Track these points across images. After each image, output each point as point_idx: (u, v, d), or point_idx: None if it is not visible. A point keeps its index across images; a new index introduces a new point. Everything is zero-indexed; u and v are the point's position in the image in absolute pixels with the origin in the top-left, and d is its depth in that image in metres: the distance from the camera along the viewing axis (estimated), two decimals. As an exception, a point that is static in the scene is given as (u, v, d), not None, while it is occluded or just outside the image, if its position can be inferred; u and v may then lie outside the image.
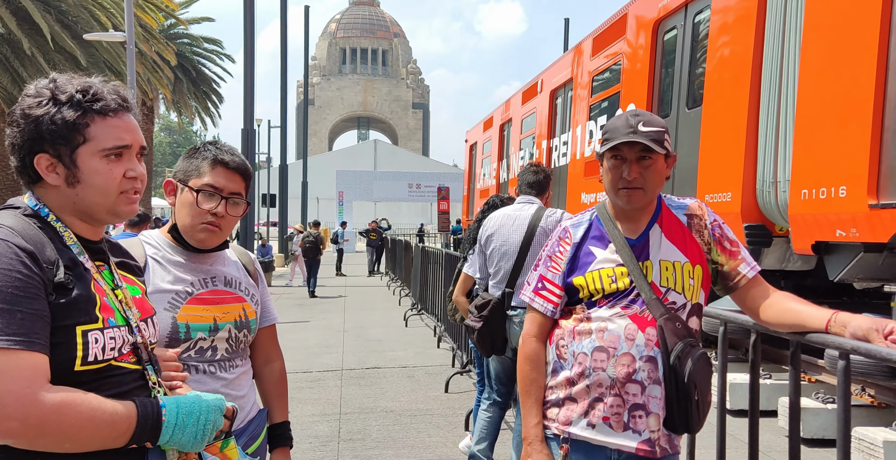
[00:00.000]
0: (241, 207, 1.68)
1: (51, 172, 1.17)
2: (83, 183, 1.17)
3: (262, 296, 1.82)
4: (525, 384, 1.80)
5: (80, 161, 1.16)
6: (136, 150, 1.22)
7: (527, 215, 3.27)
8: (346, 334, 8.37)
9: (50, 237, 1.15)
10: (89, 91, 1.17)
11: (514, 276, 3.21)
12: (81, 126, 1.15)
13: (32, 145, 1.15)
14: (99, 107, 1.16)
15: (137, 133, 1.23)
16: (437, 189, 20.87)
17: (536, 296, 1.82)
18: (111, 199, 1.19)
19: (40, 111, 1.14)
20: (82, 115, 1.15)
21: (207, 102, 25.49)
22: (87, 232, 1.23)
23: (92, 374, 1.13)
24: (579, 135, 7.33)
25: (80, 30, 12.50)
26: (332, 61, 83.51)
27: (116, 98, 1.19)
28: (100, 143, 1.16)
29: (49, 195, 1.19)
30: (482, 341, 3.27)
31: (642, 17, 5.72)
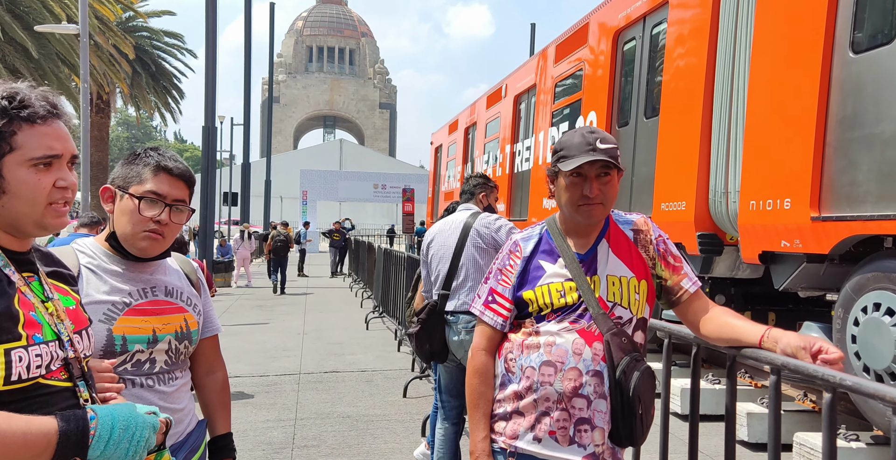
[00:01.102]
0: (185, 214, 1.64)
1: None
2: (9, 193, 1.13)
3: (204, 306, 1.78)
4: (473, 397, 1.81)
5: (6, 171, 1.12)
6: (66, 159, 1.18)
7: (461, 219, 3.30)
8: (305, 336, 8.29)
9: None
10: (16, 97, 1.12)
11: (449, 279, 3.20)
12: (7, 134, 1.11)
13: None
14: (26, 114, 1.12)
15: (68, 141, 1.19)
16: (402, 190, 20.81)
17: (486, 309, 1.83)
18: (39, 210, 1.15)
19: None
20: (8, 122, 1.11)
21: (167, 98, 24.96)
22: (13, 243, 1.18)
23: (16, 394, 1.08)
24: (542, 141, 7.41)
25: (31, 21, 12.10)
26: (299, 59, 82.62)
27: (45, 105, 1.15)
28: (27, 152, 1.12)
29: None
30: (420, 346, 3.25)
31: (604, 26, 5.80)
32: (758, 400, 4.51)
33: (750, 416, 4.25)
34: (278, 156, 45.02)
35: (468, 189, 3.49)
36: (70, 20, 12.64)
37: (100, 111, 21.82)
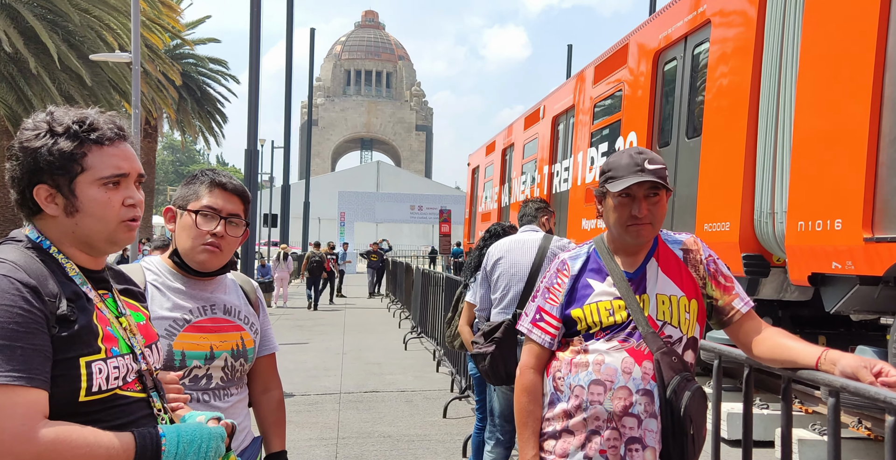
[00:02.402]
0: (241, 229, 1.69)
1: (50, 203, 1.18)
2: (82, 212, 1.19)
3: (262, 324, 1.83)
4: (522, 416, 1.81)
5: (79, 191, 1.18)
6: (133, 178, 1.24)
7: (536, 239, 3.31)
8: (344, 356, 8.35)
9: (52, 269, 1.17)
10: (85, 121, 1.19)
11: (524, 298, 3.17)
12: (79, 156, 1.17)
13: (31, 177, 1.17)
14: (95, 136, 1.18)
15: (135, 161, 1.25)
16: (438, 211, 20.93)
17: (534, 327, 1.84)
18: (110, 227, 1.21)
19: (38, 143, 1.16)
20: (79, 145, 1.17)
21: (211, 122, 25.70)
22: (89, 262, 1.25)
23: (97, 404, 1.14)
24: (580, 162, 7.40)
25: (86, 50, 12.66)
26: (337, 83, 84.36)
27: (112, 127, 1.22)
28: (97, 172, 1.18)
29: (49, 226, 1.21)
30: (494, 367, 3.11)
31: (643, 47, 5.82)
32: (809, 426, 4.37)
33: (801, 443, 4.11)
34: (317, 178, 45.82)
35: (529, 212, 3.51)
36: (122, 49, 13.20)
37: (147, 136, 22.59)
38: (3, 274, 1.09)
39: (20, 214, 1.24)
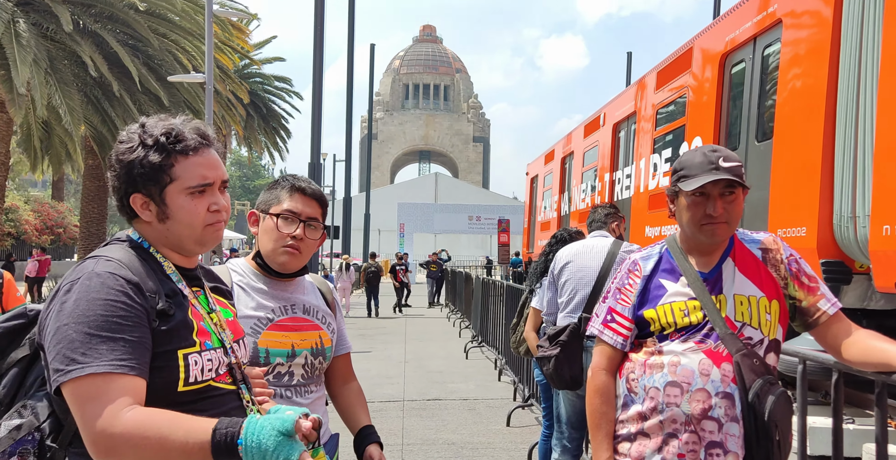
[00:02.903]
0: (319, 231, 1.75)
1: (144, 210, 1.26)
2: (172, 219, 1.26)
3: (338, 324, 1.89)
4: (595, 417, 1.79)
5: (169, 199, 1.25)
6: (218, 185, 1.30)
7: (605, 244, 3.28)
8: (406, 365, 8.41)
9: (152, 268, 1.25)
10: (172, 133, 1.25)
11: (591, 303, 3.15)
12: (167, 167, 1.24)
13: (128, 187, 1.25)
14: (181, 147, 1.25)
15: (219, 168, 1.31)
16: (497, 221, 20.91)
17: (605, 328, 1.83)
18: (198, 232, 1.28)
19: (131, 156, 1.24)
20: (167, 156, 1.24)
21: (276, 137, 26.55)
22: (183, 261, 1.32)
23: (194, 395, 1.20)
24: (643, 168, 7.27)
25: (163, 72, 13.34)
26: (395, 97, 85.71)
27: (197, 137, 1.28)
28: (184, 182, 1.25)
29: (145, 230, 1.29)
30: (559, 369, 3.09)
31: (709, 50, 5.68)
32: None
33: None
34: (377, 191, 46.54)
35: (599, 218, 3.48)
36: (196, 70, 13.84)
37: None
38: (109, 271, 1.17)
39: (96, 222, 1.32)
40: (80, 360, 1.08)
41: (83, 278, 1.16)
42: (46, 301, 1.20)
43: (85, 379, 1.08)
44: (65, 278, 1.20)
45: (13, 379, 1.22)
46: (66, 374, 1.08)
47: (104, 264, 1.19)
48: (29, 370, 1.24)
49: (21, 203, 24.44)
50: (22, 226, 23.21)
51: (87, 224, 17.66)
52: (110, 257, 1.21)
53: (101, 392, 1.08)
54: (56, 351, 1.10)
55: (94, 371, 1.08)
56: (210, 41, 12.47)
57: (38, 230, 24.78)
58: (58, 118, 12.11)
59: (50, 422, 1.17)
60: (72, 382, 1.08)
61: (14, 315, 1.29)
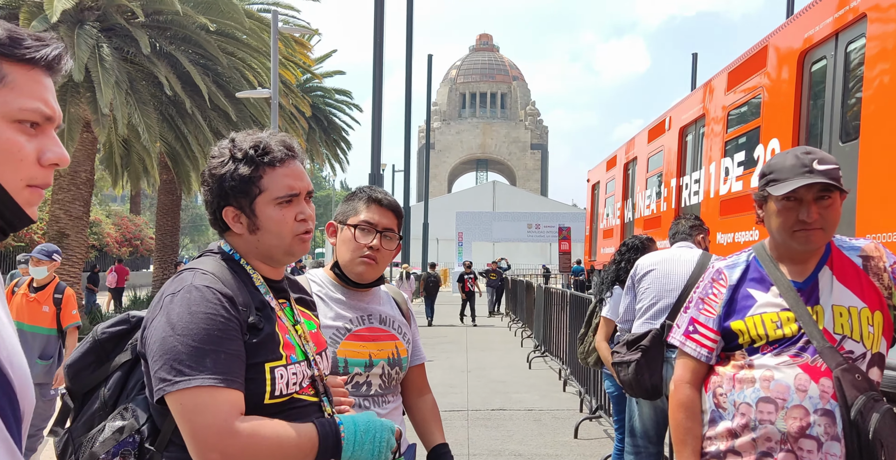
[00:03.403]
0: (395, 242, 1.77)
1: (236, 222, 1.30)
2: (262, 229, 1.29)
3: (413, 335, 1.89)
4: (680, 433, 1.72)
5: (259, 210, 1.28)
6: (304, 195, 1.32)
7: (693, 254, 3.18)
8: (469, 374, 8.38)
9: (242, 280, 1.28)
10: (260, 146, 1.29)
11: (676, 310, 3.03)
12: (256, 179, 1.27)
13: (220, 200, 1.29)
14: (268, 159, 1.28)
15: (304, 179, 1.34)
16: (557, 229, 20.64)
17: (688, 339, 1.76)
18: (286, 242, 1.30)
19: (223, 170, 1.28)
20: (255, 169, 1.27)
21: (337, 149, 27.08)
22: (271, 272, 1.35)
23: (278, 407, 1.22)
24: (713, 173, 7.02)
25: (231, 89, 13.83)
26: (452, 106, 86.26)
27: (283, 149, 1.31)
28: (273, 193, 1.28)
29: (237, 242, 1.32)
30: (639, 376, 2.96)
31: (785, 49, 5.45)
32: None
33: None
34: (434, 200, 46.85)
35: (683, 230, 3.37)
36: (261, 85, 14.30)
37: (281, 164, 24.15)
38: (206, 285, 1.20)
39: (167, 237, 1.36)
40: (187, 372, 1.12)
41: (183, 291, 1.20)
42: (149, 310, 1.24)
43: (192, 391, 1.11)
44: (164, 289, 1.23)
45: (117, 383, 1.27)
46: (173, 385, 1.12)
47: (201, 277, 1.22)
48: (130, 374, 1.29)
49: (103, 217, 25.79)
50: (104, 238, 24.50)
51: (162, 236, 18.45)
52: (206, 270, 1.25)
53: (210, 403, 1.11)
54: (163, 361, 1.14)
55: (200, 383, 1.11)
56: (275, 58, 12.87)
57: (119, 242, 26.09)
58: (137, 136, 12.73)
59: (148, 426, 1.21)
60: (178, 393, 1.12)
61: (117, 321, 1.35)
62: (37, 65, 0.80)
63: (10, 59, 0.77)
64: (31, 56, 0.79)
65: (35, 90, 0.79)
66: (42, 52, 0.80)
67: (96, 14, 12.28)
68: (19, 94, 0.78)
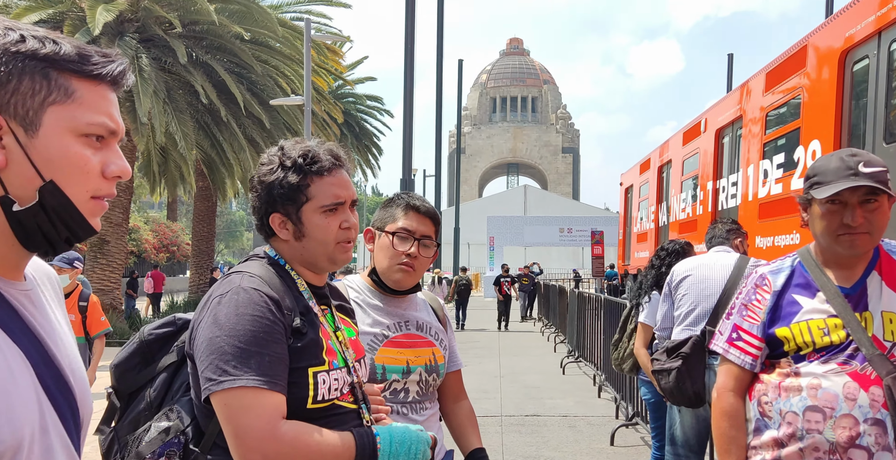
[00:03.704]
0: (432, 249, 1.77)
1: (282, 229, 1.32)
2: (307, 236, 1.31)
3: (449, 341, 1.89)
4: (723, 442, 1.69)
5: (305, 218, 1.30)
6: (349, 203, 1.34)
7: (730, 258, 3.12)
8: (502, 379, 8.34)
9: (288, 285, 1.30)
10: (308, 155, 1.31)
11: (715, 316, 2.97)
12: (303, 187, 1.29)
13: (268, 207, 1.32)
14: (316, 168, 1.30)
15: (350, 188, 1.35)
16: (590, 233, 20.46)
17: (731, 346, 1.72)
18: (330, 249, 1.32)
19: (272, 177, 1.30)
20: (303, 177, 1.30)
21: (368, 155, 27.30)
22: (314, 278, 1.36)
23: (319, 412, 1.23)
24: (751, 175, 6.89)
25: (265, 96, 14.07)
26: (483, 111, 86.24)
27: (330, 158, 1.33)
28: (319, 201, 1.30)
29: (282, 248, 1.34)
30: (680, 383, 2.89)
31: (825, 49, 5.33)
32: None
33: None
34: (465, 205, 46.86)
35: (720, 234, 3.31)
36: (294, 93, 14.52)
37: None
38: (253, 287, 1.22)
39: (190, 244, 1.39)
40: (232, 372, 1.13)
41: (231, 292, 1.21)
42: (197, 311, 1.26)
43: (236, 391, 1.13)
44: (213, 291, 1.26)
45: (162, 384, 1.30)
46: (218, 384, 1.14)
47: (248, 280, 1.24)
48: (176, 376, 1.31)
49: (141, 223, 26.44)
50: (143, 244, 25.11)
51: (198, 242, 18.82)
52: (253, 273, 1.27)
53: (254, 405, 1.12)
54: (209, 361, 1.16)
55: (244, 384, 1.13)
56: (308, 65, 13.04)
57: (156, 248, 26.70)
58: (174, 144, 13.02)
59: (193, 427, 1.23)
60: (223, 392, 1.13)
61: (164, 323, 1.38)
62: (103, 80, 0.82)
63: (78, 75, 0.80)
64: (98, 72, 0.81)
65: (101, 105, 0.82)
66: (108, 69, 0.82)
67: (135, 25, 12.63)
68: (87, 109, 0.80)
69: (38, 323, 0.83)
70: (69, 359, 0.86)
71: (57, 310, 0.91)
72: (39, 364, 0.80)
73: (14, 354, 0.77)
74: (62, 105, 0.79)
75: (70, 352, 0.87)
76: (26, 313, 0.82)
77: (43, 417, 0.78)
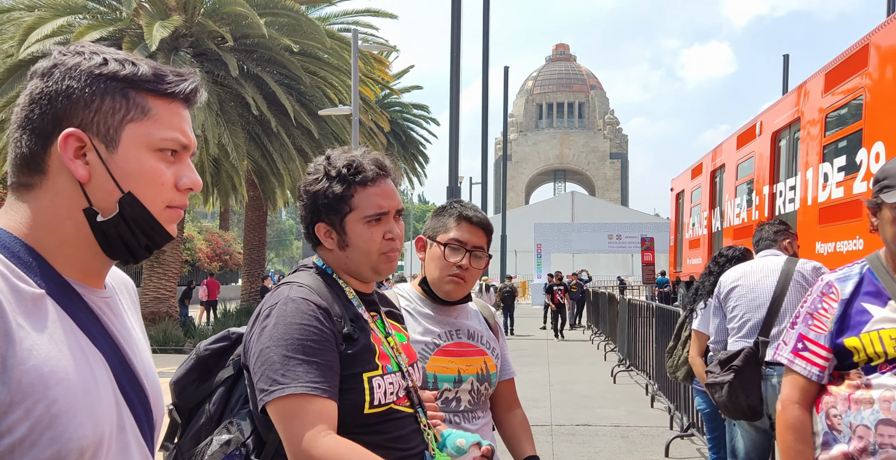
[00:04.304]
0: (484, 261, 1.76)
1: (327, 238, 1.33)
2: (351, 246, 1.32)
3: (501, 349, 1.87)
4: (789, 456, 1.62)
5: (349, 228, 1.31)
6: (393, 213, 1.34)
7: (777, 263, 3.01)
8: (551, 388, 8.24)
9: (336, 293, 1.30)
10: (353, 165, 1.32)
11: (767, 326, 2.88)
12: (347, 197, 1.30)
13: (313, 216, 1.33)
14: (360, 178, 1.31)
15: (394, 197, 1.35)
16: (640, 239, 20.07)
17: (796, 357, 1.65)
18: (373, 259, 1.32)
19: (317, 187, 1.32)
20: (347, 187, 1.30)
21: (415, 163, 27.47)
22: (361, 286, 1.37)
23: (377, 417, 1.23)
24: (810, 179, 6.64)
25: (314, 107, 14.35)
26: (529, 117, 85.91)
27: (375, 168, 1.33)
28: (363, 211, 1.31)
29: (328, 257, 1.36)
30: (733, 398, 2.81)
31: (888, 47, 5.11)
32: None
33: None
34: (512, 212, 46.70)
35: (767, 236, 3.22)
36: (342, 103, 14.76)
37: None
38: (302, 297, 1.24)
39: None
40: (281, 381, 1.15)
41: (280, 303, 1.23)
42: (248, 324, 1.29)
43: (286, 399, 1.14)
44: (264, 303, 1.28)
45: (221, 398, 1.32)
46: (269, 394, 1.15)
47: (297, 290, 1.26)
48: (233, 389, 1.33)
49: (195, 233, 27.26)
50: (196, 253, 25.87)
51: (250, 251, 19.27)
52: (301, 283, 1.28)
53: (300, 412, 1.13)
54: (261, 372, 1.18)
55: (292, 392, 1.14)
56: (356, 75, 13.24)
57: (209, 257, 27.48)
58: (226, 155, 13.40)
59: (253, 439, 1.24)
60: (274, 402, 1.15)
61: (218, 338, 1.40)
62: (176, 98, 0.87)
63: (154, 93, 0.85)
64: (172, 90, 0.86)
65: (174, 122, 0.87)
66: (181, 87, 0.87)
67: (190, 41, 13.08)
68: (161, 125, 0.85)
69: (116, 328, 0.88)
70: (143, 363, 0.90)
71: (133, 317, 0.96)
72: (117, 367, 0.84)
73: (96, 357, 0.82)
74: (139, 122, 0.84)
75: (144, 357, 0.91)
76: (106, 319, 0.86)
77: (120, 416, 0.83)
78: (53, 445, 0.74)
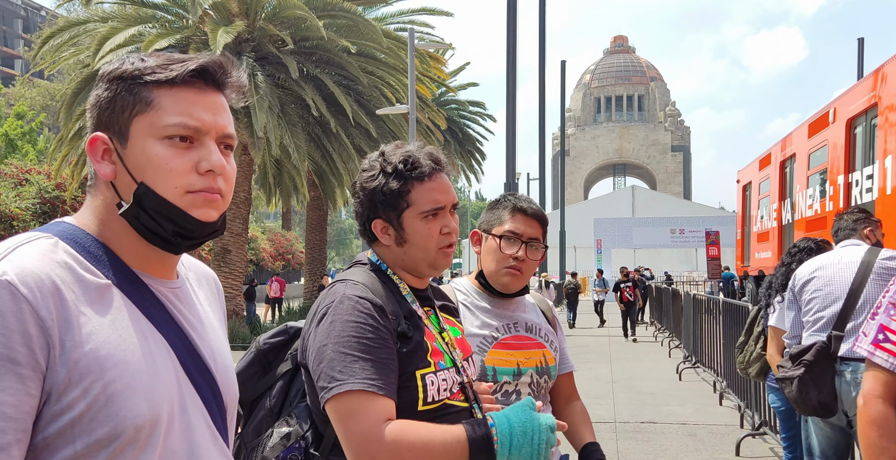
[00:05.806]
0: (540, 252, 1.75)
1: (384, 234, 1.34)
2: (408, 242, 1.32)
3: (560, 343, 1.85)
4: (872, 453, 1.55)
5: (406, 223, 1.32)
6: (448, 208, 1.34)
7: (857, 253, 2.87)
8: (614, 385, 8.10)
9: (390, 289, 1.32)
10: (409, 160, 1.32)
11: (842, 319, 2.75)
12: (404, 193, 1.31)
13: (370, 213, 1.34)
14: (416, 174, 1.31)
15: (450, 191, 1.35)
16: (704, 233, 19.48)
17: (878, 349, 1.58)
18: (431, 255, 1.33)
19: (373, 184, 1.32)
20: (404, 183, 1.31)
21: (472, 160, 27.47)
22: (416, 282, 1.38)
23: (430, 414, 1.24)
24: (889, 167, 6.29)
25: (371, 106, 14.54)
26: (587, 111, 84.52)
27: (430, 163, 1.34)
28: (419, 207, 1.31)
29: (384, 253, 1.37)
30: (803, 392, 2.71)
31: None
32: None
33: None
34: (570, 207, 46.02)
35: (847, 226, 3.07)
36: (399, 101, 14.91)
37: (418, 177, 24.93)
38: (357, 295, 1.25)
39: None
40: (339, 378, 1.17)
41: (336, 302, 1.25)
42: (305, 322, 1.32)
43: (344, 396, 1.16)
44: (320, 301, 1.30)
45: (280, 391, 1.36)
46: (329, 392, 1.17)
47: (352, 288, 1.27)
48: (292, 383, 1.37)
49: (259, 233, 28.11)
50: (260, 253, 26.67)
51: (311, 250, 19.71)
52: (356, 281, 1.30)
53: (361, 408, 1.14)
54: (320, 370, 1.20)
55: (350, 388, 1.15)
56: (412, 74, 13.35)
57: (273, 256, 28.28)
58: (287, 156, 13.74)
59: (312, 432, 1.28)
60: (333, 399, 1.17)
61: (277, 332, 1.45)
62: (176, 83, 0.89)
63: (155, 84, 0.89)
64: (167, 76, 0.89)
65: (178, 107, 0.89)
66: (176, 70, 0.89)
67: (252, 45, 13.47)
68: (164, 113, 0.89)
69: (183, 316, 0.93)
70: (212, 349, 0.94)
71: (208, 306, 1.01)
72: (182, 351, 0.89)
73: (158, 341, 0.87)
74: (144, 114, 0.89)
75: (213, 343, 0.95)
76: (172, 307, 0.92)
77: (182, 398, 0.87)
78: (110, 422, 0.79)
